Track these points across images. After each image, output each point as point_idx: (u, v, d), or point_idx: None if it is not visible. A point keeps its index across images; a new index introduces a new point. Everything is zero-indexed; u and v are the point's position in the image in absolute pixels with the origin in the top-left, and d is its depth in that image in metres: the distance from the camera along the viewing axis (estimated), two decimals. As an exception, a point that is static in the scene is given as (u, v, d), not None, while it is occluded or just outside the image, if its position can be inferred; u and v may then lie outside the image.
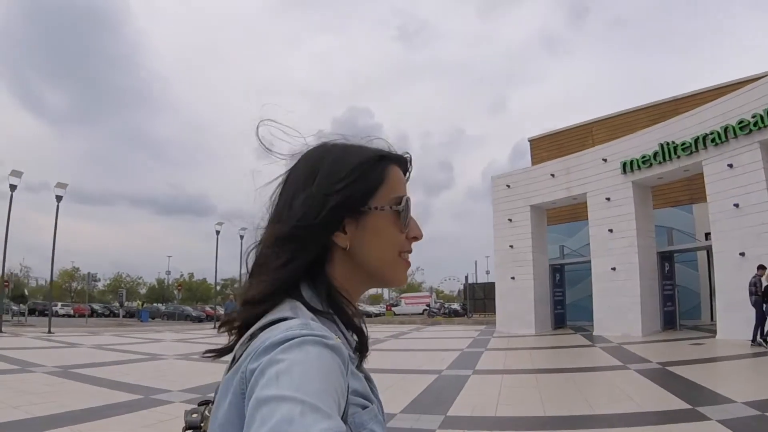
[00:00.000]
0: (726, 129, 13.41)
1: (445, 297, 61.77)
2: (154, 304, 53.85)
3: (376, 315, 44.45)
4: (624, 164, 16.55)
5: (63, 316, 41.66)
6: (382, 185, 0.77)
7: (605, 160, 17.30)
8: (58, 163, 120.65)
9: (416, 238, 0.80)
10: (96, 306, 49.81)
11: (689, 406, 6.16)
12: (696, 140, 14.24)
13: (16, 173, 22.84)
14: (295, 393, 0.50)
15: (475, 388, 8.42)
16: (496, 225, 21.31)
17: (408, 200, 0.78)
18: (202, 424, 0.80)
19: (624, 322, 16.09)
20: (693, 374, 8.32)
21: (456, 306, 40.79)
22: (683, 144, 14.63)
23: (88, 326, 29.57)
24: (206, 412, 0.79)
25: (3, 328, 22.88)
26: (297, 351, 0.56)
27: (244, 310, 0.72)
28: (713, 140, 13.77)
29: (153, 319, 43.11)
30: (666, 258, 17.44)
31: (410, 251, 0.80)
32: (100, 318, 43.91)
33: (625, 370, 9.42)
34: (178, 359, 13.18)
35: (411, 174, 0.85)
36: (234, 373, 0.61)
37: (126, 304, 47.42)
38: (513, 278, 20.22)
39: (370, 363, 0.79)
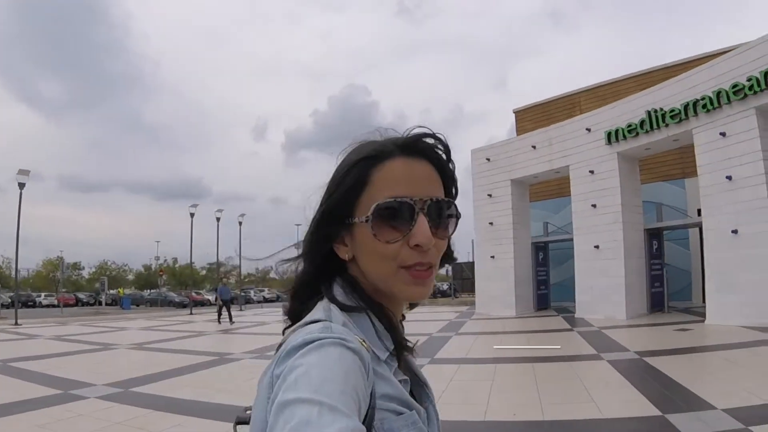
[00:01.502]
0: (718, 94, 12.14)
1: (439, 277, 60.77)
2: (143, 291, 53.16)
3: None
4: (609, 134, 15.26)
5: (47, 306, 40.89)
6: (363, 193, 0.71)
7: (589, 130, 16.01)
8: (55, 153, 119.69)
9: (418, 246, 0.69)
10: (81, 295, 49.16)
11: (658, 413, 5.11)
12: (686, 106, 12.97)
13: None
14: (313, 395, 0.51)
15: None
16: (476, 201, 20.09)
17: (389, 205, 0.69)
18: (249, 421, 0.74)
19: (608, 305, 15.04)
20: (672, 368, 7.28)
21: (445, 286, 39.86)
22: (672, 111, 13.36)
23: (63, 316, 28.74)
24: None
25: None
26: (316, 353, 0.57)
27: (288, 306, 0.78)
28: (704, 106, 12.50)
29: (138, 306, 42.68)
30: (654, 235, 16.29)
31: (418, 262, 0.70)
32: (83, 307, 43.22)
33: (597, 361, 8.44)
34: (130, 349, 12.68)
35: (443, 154, 0.76)
36: (264, 375, 0.63)
37: (110, 291, 46.70)
38: (493, 257, 19.13)
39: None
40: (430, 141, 0.75)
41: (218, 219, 32.19)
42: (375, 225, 0.69)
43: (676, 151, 16.76)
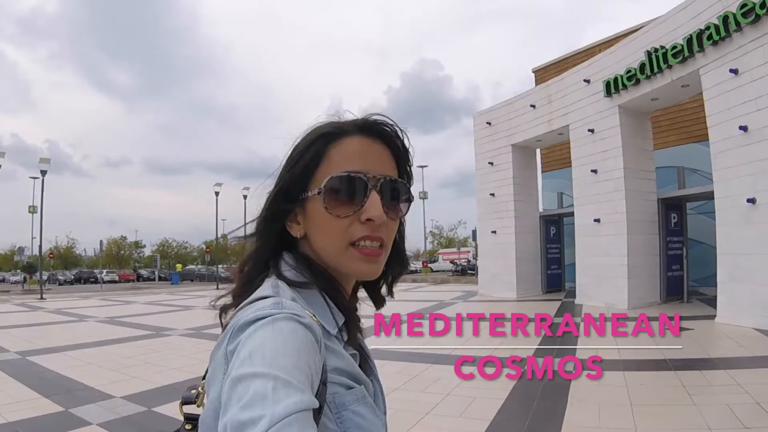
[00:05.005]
0: (725, 19, 9.30)
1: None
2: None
3: (411, 272, 42.24)
4: (607, 84, 12.55)
5: (108, 282, 43.23)
6: (319, 167, 0.73)
7: (588, 82, 13.32)
8: (135, 138, 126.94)
9: (369, 221, 0.70)
10: (144, 271, 51.87)
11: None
12: (689, 40, 10.14)
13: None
14: (267, 369, 0.51)
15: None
16: (478, 170, 17.87)
17: (342, 179, 0.70)
18: (197, 400, 0.77)
19: (609, 289, 12.60)
20: (591, 397, 5.22)
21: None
22: (674, 48, 10.55)
23: (100, 291, 30.33)
24: (201, 389, 0.76)
25: (3, 296, 24.70)
26: (269, 328, 0.57)
27: (234, 295, 0.75)
28: (710, 37, 9.66)
29: (192, 281, 44.16)
30: (673, 206, 13.30)
31: (367, 237, 0.71)
32: (138, 282, 45.46)
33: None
34: (97, 322, 12.98)
35: (401, 139, 0.78)
36: (217, 350, 0.62)
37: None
38: (494, 232, 16.94)
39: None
40: (389, 127, 0.76)
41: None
42: (327, 198, 0.70)
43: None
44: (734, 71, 9.35)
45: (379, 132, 0.74)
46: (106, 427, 4.59)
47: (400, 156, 0.77)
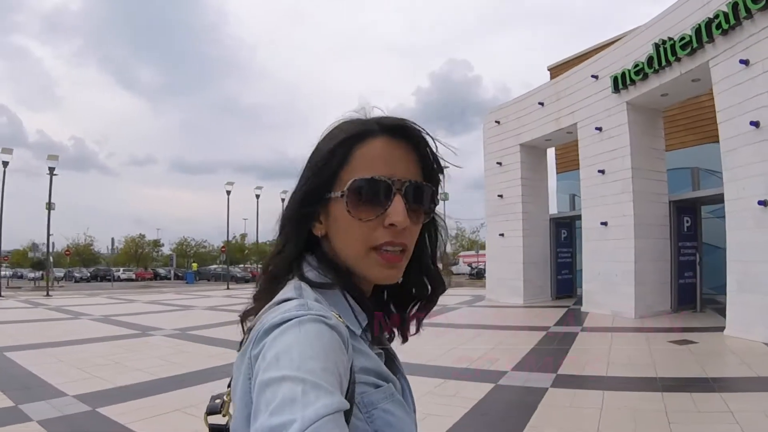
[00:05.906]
0: (735, 6, 8.60)
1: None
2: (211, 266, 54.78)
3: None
4: (615, 79, 11.88)
5: (124, 280, 43.83)
6: (343, 168, 0.70)
7: (596, 77, 12.67)
8: (159, 136, 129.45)
9: (393, 226, 0.68)
10: (162, 270, 52.30)
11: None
12: (697, 30, 9.47)
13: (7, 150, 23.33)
14: (295, 372, 0.50)
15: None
16: (487, 170, 17.29)
17: (366, 182, 0.68)
18: (221, 409, 0.74)
19: (615, 297, 11.92)
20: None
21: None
22: (682, 39, 9.88)
23: (111, 289, 30.62)
24: (226, 398, 0.74)
25: (10, 292, 25.06)
26: (295, 331, 0.55)
27: (257, 297, 0.74)
28: (719, 26, 8.99)
29: (208, 280, 44.21)
30: (686, 209, 12.47)
31: (390, 241, 0.69)
32: (155, 281, 45.79)
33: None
34: (91, 320, 12.97)
35: (422, 140, 0.73)
36: (242, 357, 0.61)
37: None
38: (502, 235, 16.36)
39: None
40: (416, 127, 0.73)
41: (257, 196, 33.37)
42: (350, 201, 0.68)
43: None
44: (745, 62, 8.65)
45: (405, 133, 0.72)
46: (43, 425, 4.57)
47: (427, 158, 0.74)
